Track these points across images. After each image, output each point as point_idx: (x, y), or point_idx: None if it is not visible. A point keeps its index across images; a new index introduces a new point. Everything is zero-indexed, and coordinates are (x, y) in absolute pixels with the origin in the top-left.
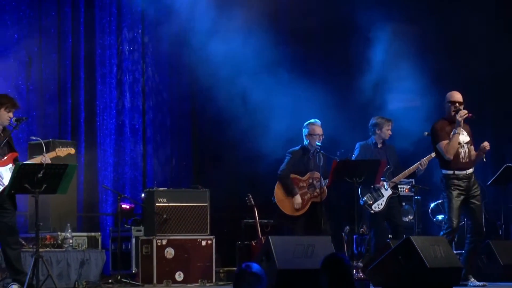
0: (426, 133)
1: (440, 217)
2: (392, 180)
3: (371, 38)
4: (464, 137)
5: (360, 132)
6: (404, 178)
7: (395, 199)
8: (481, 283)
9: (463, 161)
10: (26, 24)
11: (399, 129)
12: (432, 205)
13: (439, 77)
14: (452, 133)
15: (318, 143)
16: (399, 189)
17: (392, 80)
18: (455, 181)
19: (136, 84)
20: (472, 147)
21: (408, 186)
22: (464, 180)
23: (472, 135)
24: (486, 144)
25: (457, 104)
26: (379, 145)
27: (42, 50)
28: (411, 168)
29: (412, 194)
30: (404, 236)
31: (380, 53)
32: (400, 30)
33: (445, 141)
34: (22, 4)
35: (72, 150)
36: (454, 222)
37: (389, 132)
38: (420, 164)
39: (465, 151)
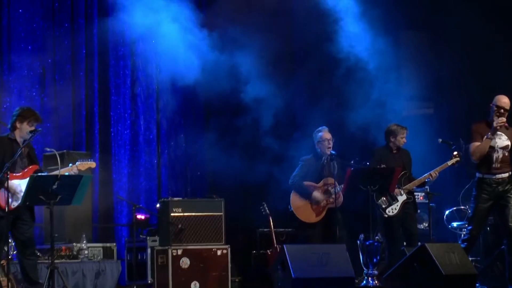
0: (440, 140)
1: (455, 224)
2: (404, 187)
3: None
4: (501, 141)
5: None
6: (416, 187)
7: (410, 205)
8: None
9: (494, 165)
10: (40, 36)
11: (412, 137)
12: (447, 212)
13: (453, 84)
14: (485, 136)
15: (333, 152)
16: (414, 196)
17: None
18: (484, 185)
19: (150, 94)
20: None
21: (423, 194)
22: (493, 185)
23: None
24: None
25: (502, 110)
26: (394, 151)
27: (56, 61)
28: (422, 178)
29: (427, 201)
30: (419, 243)
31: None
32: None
33: (476, 143)
34: (35, 16)
35: (93, 164)
36: (474, 230)
37: (404, 139)
38: (431, 175)
39: (498, 156)
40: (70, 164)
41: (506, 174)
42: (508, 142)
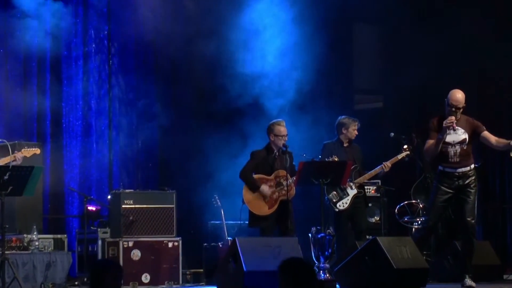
0: (392, 134)
1: (406, 218)
2: (355, 180)
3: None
4: (457, 136)
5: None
6: (369, 180)
7: (360, 199)
8: (474, 284)
9: (452, 160)
10: None
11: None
12: (398, 206)
13: (402, 77)
14: (437, 136)
15: (283, 148)
16: (365, 190)
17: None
18: (445, 178)
19: (103, 85)
20: (486, 139)
21: (374, 187)
22: (454, 179)
23: (476, 127)
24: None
25: (454, 109)
26: (345, 144)
27: (8, 51)
28: (373, 172)
29: (379, 195)
30: (371, 237)
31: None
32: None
33: (430, 141)
34: None
35: (37, 150)
36: (431, 220)
37: (355, 132)
38: (384, 166)
39: (456, 150)
40: (16, 152)
41: (467, 168)
42: (465, 136)
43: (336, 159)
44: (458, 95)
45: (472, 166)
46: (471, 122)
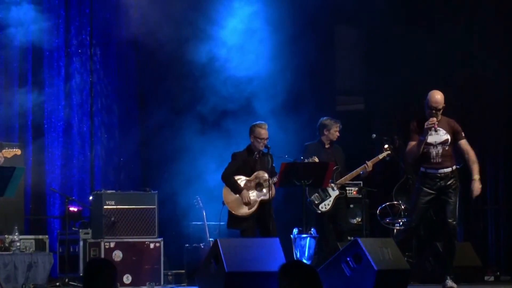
0: (374, 135)
1: (388, 219)
2: (337, 182)
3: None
4: (439, 137)
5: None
6: (351, 180)
7: (342, 200)
8: (455, 285)
9: (434, 161)
10: None
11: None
12: (380, 207)
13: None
14: (419, 138)
15: (265, 150)
16: (347, 191)
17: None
18: (427, 179)
19: (84, 86)
20: (466, 142)
21: (356, 188)
22: (436, 180)
23: (456, 132)
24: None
25: (434, 111)
26: (327, 146)
27: None
28: (354, 172)
29: (361, 196)
30: (352, 238)
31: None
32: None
33: (412, 142)
34: None
35: (18, 151)
36: (413, 221)
37: (337, 133)
38: (366, 165)
39: (438, 151)
40: None
41: (449, 169)
42: (447, 136)
43: (316, 159)
44: (437, 96)
45: (454, 167)
46: (452, 126)
